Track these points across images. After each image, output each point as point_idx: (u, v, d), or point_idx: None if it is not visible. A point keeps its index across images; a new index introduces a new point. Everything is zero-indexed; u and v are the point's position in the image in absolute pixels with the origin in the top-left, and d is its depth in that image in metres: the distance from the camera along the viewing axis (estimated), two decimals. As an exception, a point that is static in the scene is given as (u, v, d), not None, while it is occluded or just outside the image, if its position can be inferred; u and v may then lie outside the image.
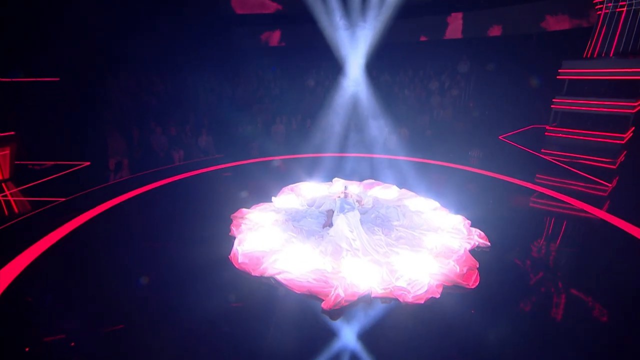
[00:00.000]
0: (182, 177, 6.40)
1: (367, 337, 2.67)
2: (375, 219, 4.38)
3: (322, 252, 3.66)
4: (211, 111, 9.46)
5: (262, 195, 5.34)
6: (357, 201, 4.60)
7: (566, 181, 6.18)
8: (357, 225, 3.93)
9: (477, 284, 3.15)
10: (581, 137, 8.68)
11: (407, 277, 3.26)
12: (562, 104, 9.01)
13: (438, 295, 2.99)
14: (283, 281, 3.21)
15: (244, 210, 4.63)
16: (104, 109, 8.48)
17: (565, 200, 5.31)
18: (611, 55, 8.62)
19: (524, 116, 10.63)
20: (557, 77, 9.12)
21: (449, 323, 2.79)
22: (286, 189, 5.48)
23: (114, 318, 2.83)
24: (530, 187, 5.90)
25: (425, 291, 3.01)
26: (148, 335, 2.69)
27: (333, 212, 4.38)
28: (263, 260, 3.53)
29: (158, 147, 7.47)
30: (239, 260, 3.51)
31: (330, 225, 4.19)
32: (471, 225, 4.26)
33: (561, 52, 9.44)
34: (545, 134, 9.18)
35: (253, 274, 3.37)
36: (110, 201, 5.11)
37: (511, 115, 10.43)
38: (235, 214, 4.55)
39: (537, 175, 6.46)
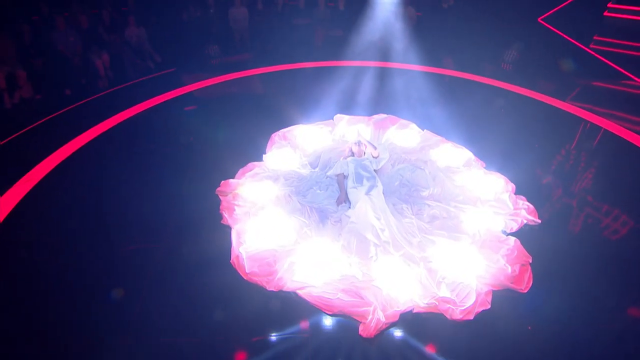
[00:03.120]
0: (118, 118, 5.65)
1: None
2: (400, 190, 4.23)
3: (345, 248, 3.58)
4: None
5: (245, 144, 5.03)
6: (374, 157, 4.40)
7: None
8: (384, 208, 3.79)
9: (530, 285, 3.21)
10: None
11: (450, 279, 3.27)
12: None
13: (489, 306, 3.09)
14: (309, 299, 3.19)
15: (232, 182, 4.35)
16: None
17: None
18: None
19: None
20: None
21: (502, 346, 2.91)
22: (277, 137, 5.15)
23: None
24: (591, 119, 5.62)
25: (474, 302, 3.08)
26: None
27: (344, 177, 4.19)
28: (275, 265, 3.44)
29: (67, 49, 6.12)
30: (247, 269, 3.39)
31: (346, 201, 3.94)
32: (515, 192, 4.15)
33: None
34: (605, 14, 8.06)
35: (268, 288, 3.26)
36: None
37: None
38: (221, 188, 4.28)
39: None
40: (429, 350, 2.88)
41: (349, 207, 4.08)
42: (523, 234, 3.81)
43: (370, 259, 3.51)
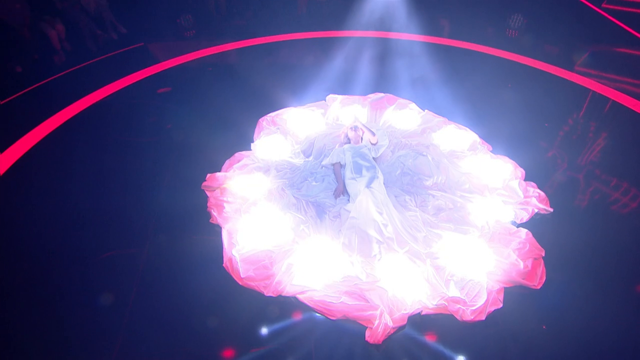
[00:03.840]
0: (81, 104, 5.43)
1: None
2: (402, 179, 4.25)
3: (346, 246, 3.62)
4: None
5: (229, 131, 4.96)
6: (372, 144, 4.43)
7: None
8: (386, 202, 3.82)
9: (543, 281, 3.32)
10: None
11: (458, 276, 3.36)
12: None
13: (501, 305, 3.19)
14: (310, 304, 3.24)
15: (219, 175, 4.29)
16: None
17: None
18: None
19: None
20: None
21: (518, 346, 3.01)
22: (265, 123, 5.09)
23: None
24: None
25: (485, 301, 3.18)
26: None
27: (341, 166, 4.20)
28: (272, 268, 3.47)
29: (12, 18, 5.74)
30: (242, 274, 3.41)
31: (345, 193, 4.00)
32: (525, 178, 4.23)
33: None
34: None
35: (266, 293, 3.30)
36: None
37: None
38: (207, 183, 4.23)
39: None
40: (440, 354, 2.96)
41: (348, 200, 4.09)
42: (534, 224, 3.87)
43: (374, 257, 3.54)
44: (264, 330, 3.15)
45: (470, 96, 5.71)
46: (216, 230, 3.85)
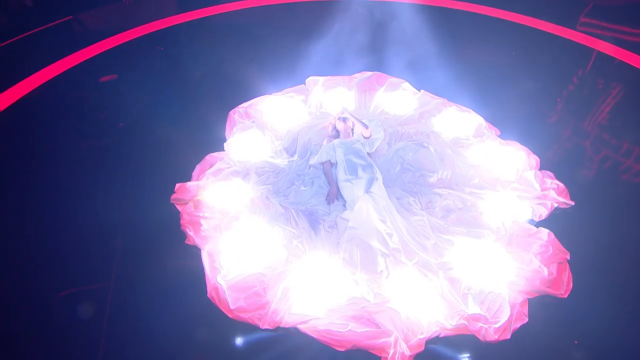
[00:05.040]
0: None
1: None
2: (402, 177, 4.31)
3: (347, 262, 3.66)
4: None
5: (196, 127, 4.83)
6: (365, 137, 4.44)
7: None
8: (389, 207, 3.88)
9: (570, 289, 3.48)
10: None
11: (476, 288, 3.47)
12: None
13: (526, 319, 3.32)
14: (314, 335, 3.27)
15: (190, 185, 4.18)
16: None
17: None
18: None
19: None
20: None
21: None
22: (237, 116, 4.97)
23: None
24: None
25: (509, 316, 3.31)
26: None
27: (331, 164, 4.26)
28: (266, 295, 3.48)
29: None
30: (231, 305, 3.40)
31: (339, 197, 4.15)
32: (540, 168, 4.35)
33: None
34: None
35: (262, 326, 3.32)
36: None
37: None
38: (177, 195, 4.11)
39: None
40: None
41: (344, 206, 4.09)
42: (552, 221, 3.96)
43: (380, 273, 3.58)
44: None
45: (470, 69, 5.74)
46: (194, 252, 3.75)
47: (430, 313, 3.36)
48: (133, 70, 5.87)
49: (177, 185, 4.17)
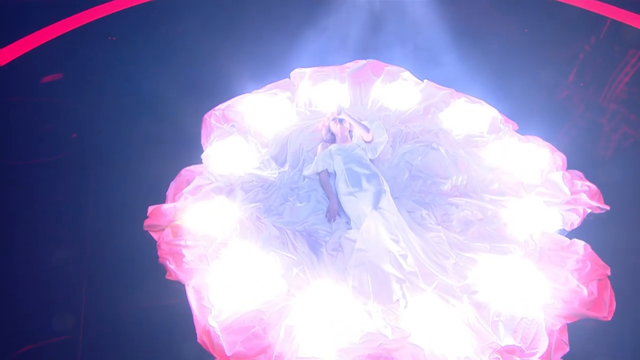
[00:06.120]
0: None
1: None
2: (412, 185, 4.32)
3: (357, 290, 3.65)
4: None
5: (166, 135, 4.69)
6: (367, 141, 4.43)
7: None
8: (401, 224, 3.87)
9: (614, 310, 3.51)
10: None
11: (506, 314, 3.49)
12: None
13: (567, 348, 3.34)
14: (326, 382, 3.21)
15: (166, 208, 4.07)
16: None
17: None
18: None
19: None
20: None
21: None
22: (214, 120, 4.86)
23: None
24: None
25: (548, 346, 3.33)
26: None
27: (329, 174, 4.27)
28: (267, 336, 3.44)
29: None
30: (227, 350, 3.34)
31: (341, 213, 4.14)
32: (567, 167, 4.38)
33: None
34: None
35: (265, 375, 3.26)
36: None
37: None
38: (151, 221, 4.00)
39: None
40: None
41: (347, 223, 4.06)
42: (586, 229, 3.98)
43: (397, 303, 3.56)
44: None
45: (475, 52, 5.72)
46: (177, 289, 3.66)
47: (457, 347, 3.33)
48: (82, 66, 5.62)
49: (150, 208, 4.04)
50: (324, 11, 6.48)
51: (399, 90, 5.18)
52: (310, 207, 4.23)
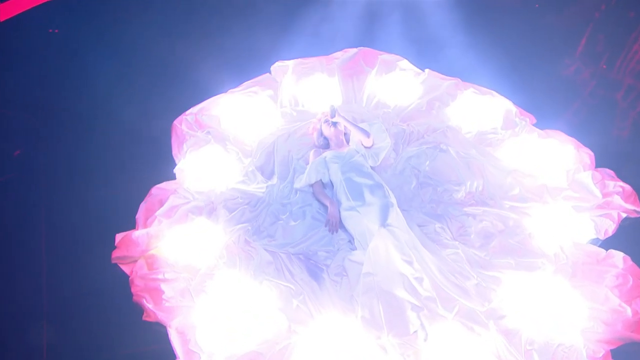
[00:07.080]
0: None
1: None
2: (421, 194, 4.29)
3: (368, 322, 3.59)
4: None
5: (128, 147, 4.62)
6: (367, 147, 4.40)
7: None
8: (413, 241, 3.84)
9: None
10: None
11: (540, 341, 3.47)
12: None
13: (614, 381, 3.30)
14: None
15: (137, 235, 3.95)
16: None
17: None
18: None
19: None
20: None
21: None
22: (185, 126, 4.74)
23: None
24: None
25: (591, 378, 3.30)
26: None
27: (323, 184, 4.23)
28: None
29: None
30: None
31: (342, 228, 4.07)
32: (596, 165, 4.36)
33: None
34: None
35: None
36: None
37: None
38: (121, 252, 3.86)
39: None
40: None
41: (350, 242, 4.02)
42: (623, 237, 3.94)
43: (415, 335, 3.52)
44: None
45: (481, 34, 5.70)
46: (158, 332, 3.56)
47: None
48: (19, 66, 5.39)
49: (118, 236, 3.92)
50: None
51: (397, 82, 5.12)
52: (306, 225, 4.16)
